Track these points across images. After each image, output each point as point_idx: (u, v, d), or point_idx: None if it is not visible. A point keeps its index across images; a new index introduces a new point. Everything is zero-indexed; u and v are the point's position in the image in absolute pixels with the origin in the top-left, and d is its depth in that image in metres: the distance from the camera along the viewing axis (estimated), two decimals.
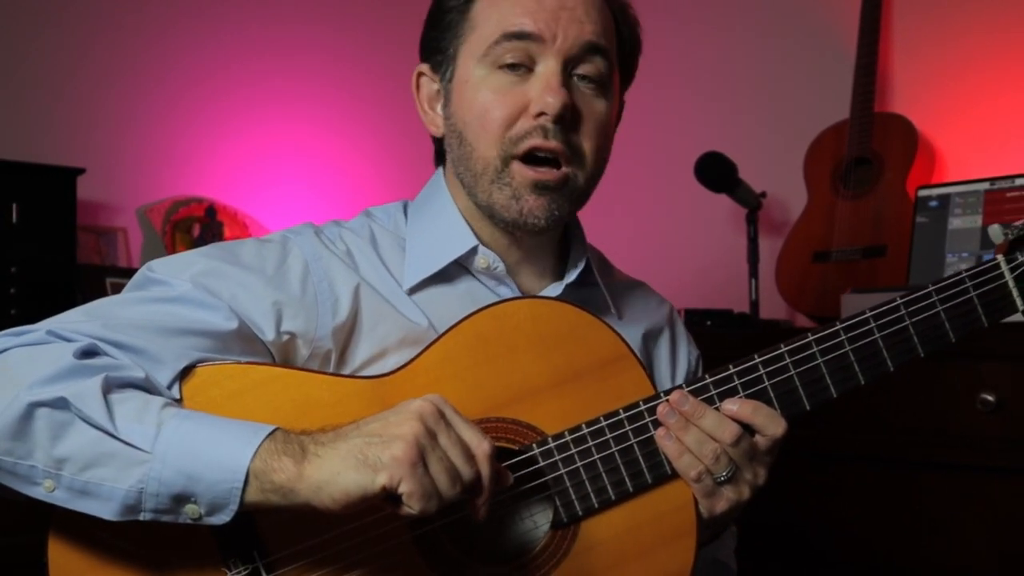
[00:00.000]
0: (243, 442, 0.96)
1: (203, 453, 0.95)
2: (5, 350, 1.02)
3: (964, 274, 1.11)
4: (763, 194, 2.51)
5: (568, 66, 1.17)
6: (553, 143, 1.16)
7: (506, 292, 1.24)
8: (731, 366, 1.11)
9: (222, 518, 0.96)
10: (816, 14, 2.73)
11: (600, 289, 1.29)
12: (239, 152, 2.94)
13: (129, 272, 2.54)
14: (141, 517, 0.96)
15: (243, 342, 1.11)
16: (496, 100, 1.17)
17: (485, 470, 0.98)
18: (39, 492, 0.97)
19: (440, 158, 1.31)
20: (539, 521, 1.12)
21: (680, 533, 1.11)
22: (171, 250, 2.60)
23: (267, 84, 3.00)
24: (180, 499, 0.96)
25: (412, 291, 1.21)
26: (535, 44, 1.16)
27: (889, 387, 1.91)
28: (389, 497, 0.94)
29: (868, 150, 2.41)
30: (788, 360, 1.11)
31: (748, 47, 2.88)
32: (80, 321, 1.05)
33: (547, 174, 1.17)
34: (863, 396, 1.90)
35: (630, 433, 1.10)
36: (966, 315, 1.11)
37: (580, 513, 1.10)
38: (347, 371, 1.16)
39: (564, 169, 1.18)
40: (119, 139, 2.70)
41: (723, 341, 2.18)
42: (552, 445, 1.09)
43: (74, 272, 2.30)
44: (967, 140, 2.45)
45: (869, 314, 1.11)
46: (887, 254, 2.32)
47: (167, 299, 1.09)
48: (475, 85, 1.19)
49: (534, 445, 1.09)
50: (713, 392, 1.10)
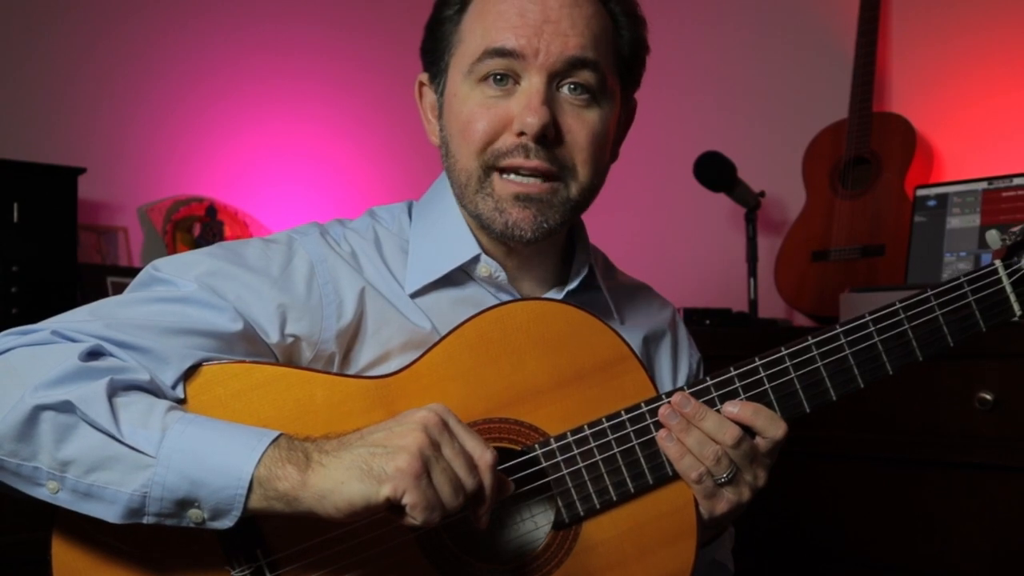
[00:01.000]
0: (247, 448, 0.95)
1: (207, 459, 0.95)
2: (9, 349, 1.02)
3: (962, 279, 1.12)
4: (762, 193, 2.51)
5: (554, 79, 1.16)
6: (534, 162, 1.15)
7: (508, 299, 1.23)
8: (732, 368, 1.12)
9: (225, 523, 0.96)
10: (814, 14, 2.73)
11: (602, 293, 1.29)
12: (240, 151, 2.94)
13: (130, 271, 2.54)
14: (144, 520, 0.97)
15: (247, 343, 1.11)
16: (479, 113, 1.16)
17: (487, 479, 0.98)
18: (43, 493, 0.97)
19: None
20: (540, 521, 1.13)
21: (681, 534, 1.11)
22: (171, 249, 2.60)
23: (268, 84, 3.00)
24: (184, 504, 0.96)
25: (415, 295, 1.21)
26: (518, 61, 1.15)
27: (887, 385, 1.90)
28: (392, 508, 0.94)
29: (866, 150, 2.42)
30: (788, 363, 1.11)
31: (747, 47, 2.88)
32: (85, 321, 1.05)
33: (531, 187, 1.16)
34: (860, 393, 1.91)
35: (632, 434, 1.10)
36: (964, 320, 1.12)
37: (581, 513, 1.10)
38: (350, 373, 1.16)
39: (552, 183, 1.17)
40: (120, 138, 2.70)
41: (722, 340, 2.18)
42: (554, 446, 1.10)
43: (75, 271, 2.29)
44: (965, 140, 2.46)
45: (868, 318, 1.12)
46: (885, 253, 2.32)
47: (173, 299, 1.09)
48: (462, 99, 1.18)
49: (536, 446, 1.10)
50: (714, 394, 1.11)
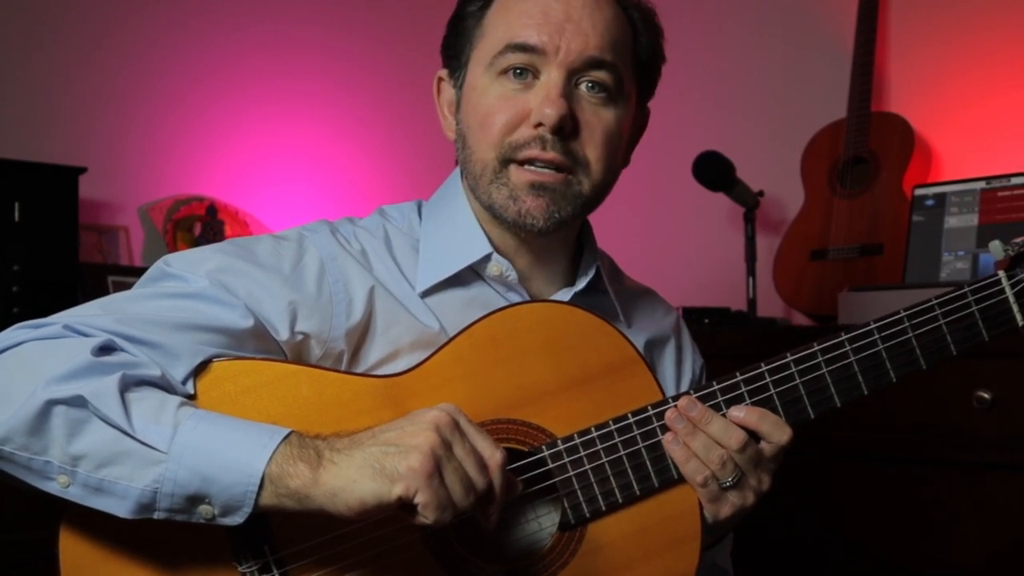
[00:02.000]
0: (259, 445, 0.96)
1: (219, 455, 0.95)
2: (22, 343, 1.02)
3: (966, 288, 1.13)
4: (760, 193, 2.51)
5: (572, 76, 1.18)
6: (551, 154, 1.16)
7: (516, 299, 1.24)
8: (738, 374, 1.12)
9: (236, 519, 0.97)
10: (813, 14, 2.73)
11: (609, 296, 1.30)
12: (240, 151, 2.94)
13: (131, 270, 2.54)
14: (155, 516, 0.97)
15: (257, 340, 1.11)
16: (499, 106, 1.18)
17: (497, 480, 0.99)
18: (54, 488, 0.97)
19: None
20: (546, 522, 1.14)
21: (685, 537, 1.12)
22: (172, 248, 2.60)
23: (268, 83, 2.99)
24: (194, 500, 0.96)
25: (425, 294, 1.21)
26: (538, 56, 1.16)
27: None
28: (404, 507, 0.95)
29: (865, 149, 2.43)
30: (794, 369, 1.12)
31: (745, 47, 2.89)
32: (96, 315, 1.05)
33: (545, 175, 1.17)
34: None
35: (638, 437, 1.11)
36: (967, 329, 1.13)
37: (587, 515, 1.11)
38: (359, 371, 1.17)
39: (564, 175, 1.18)
40: (121, 138, 2.69)
41: (720, 339, 2.18)
42: (561, 447, 1.10)
43: (76, 270, 2.29)
44: (963, 139, 2.46)
45: (873, 326, 1.13)
46: (884, 252, 2.33)
47: (184, 295, 1.09)
48: (481, 91, 1.20)
49: (543, 447, 1.10)
50: (720, 399, 1.11)
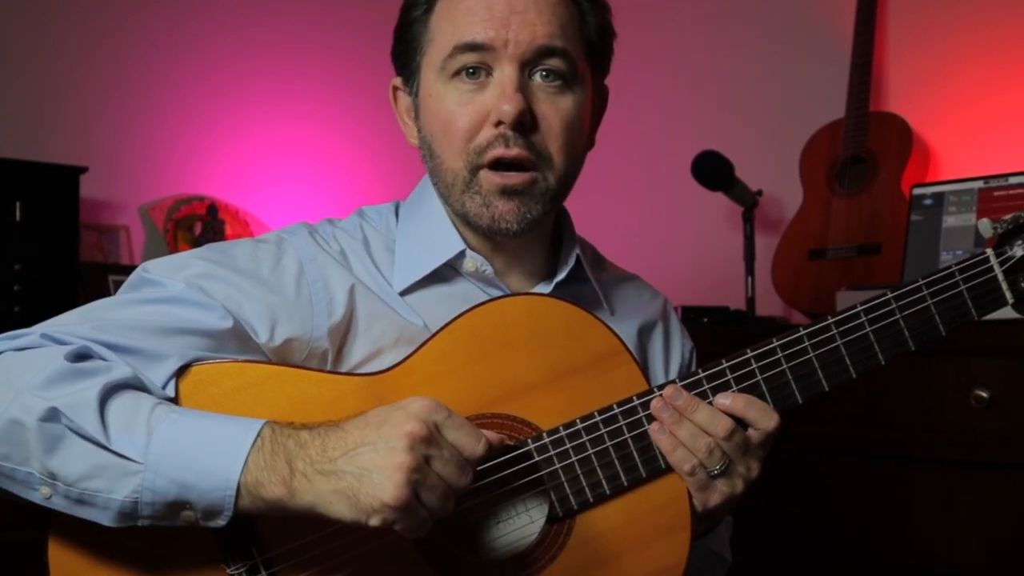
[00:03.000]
0: (230, 455, 0.96)
1: (194, 462, 0.95)
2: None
3: (954, 267, 1.11)
4: (759, 192, 2.52)
5: (525, 68, 1.17)
6: (515, 151, 1.15)
7: (497, 294, 1.23)
8: (724, 361, 1.11)
9: (219, 522, 0.97)
10: (812, 14, 2.73)
11: (591, 284, 1.29)
12: (241, 151, 2.95)
13: (131, 270, 2.53)
14: (139, 523, 0.97)
15: (238, 341, 1.11)
16: (458, 111, 1.17)
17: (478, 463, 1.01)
18: (37, 498, 0.98)
19: None
20: (534, 516, 1.13)
21: (674, 526, 1.11)
22: (173, 248, 2.61)
23: (269, 83, 3.01)
24: (175, 506, 0.97)
25: (404, 293, 1.21)
26: (488, 53, 1.16)
27: (883, 383, 1.92)
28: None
29: (863, 149, 2.43)
30: (780, 354, 1.11)
31: (744, 46, 2.89)
32: (75, 324, 1.05)
33: (513, 178, 1.17)
34: (856, 391, 1.93)
35: (624, 428, 1.10)
36: (956, 308, 1.11)
37: (575, 507, 1.10)
38: (344, 370, 1.17)
39: (531, 173, 1.17)
40: (121, 137, 2.71)
41: (719, 338, 2.19)
42: (547, 440, 1.10)
43: (76, 270, 2.30)
44: (961, 139, 2.46)
45: (860, 308, 1.11)
46: (882, 252, 2.33)
47: (161, 299, 1.09)
48: (437, 97, 1.19)
49: (529, 440, 1.10)
50: (706, 386, 1.11)
